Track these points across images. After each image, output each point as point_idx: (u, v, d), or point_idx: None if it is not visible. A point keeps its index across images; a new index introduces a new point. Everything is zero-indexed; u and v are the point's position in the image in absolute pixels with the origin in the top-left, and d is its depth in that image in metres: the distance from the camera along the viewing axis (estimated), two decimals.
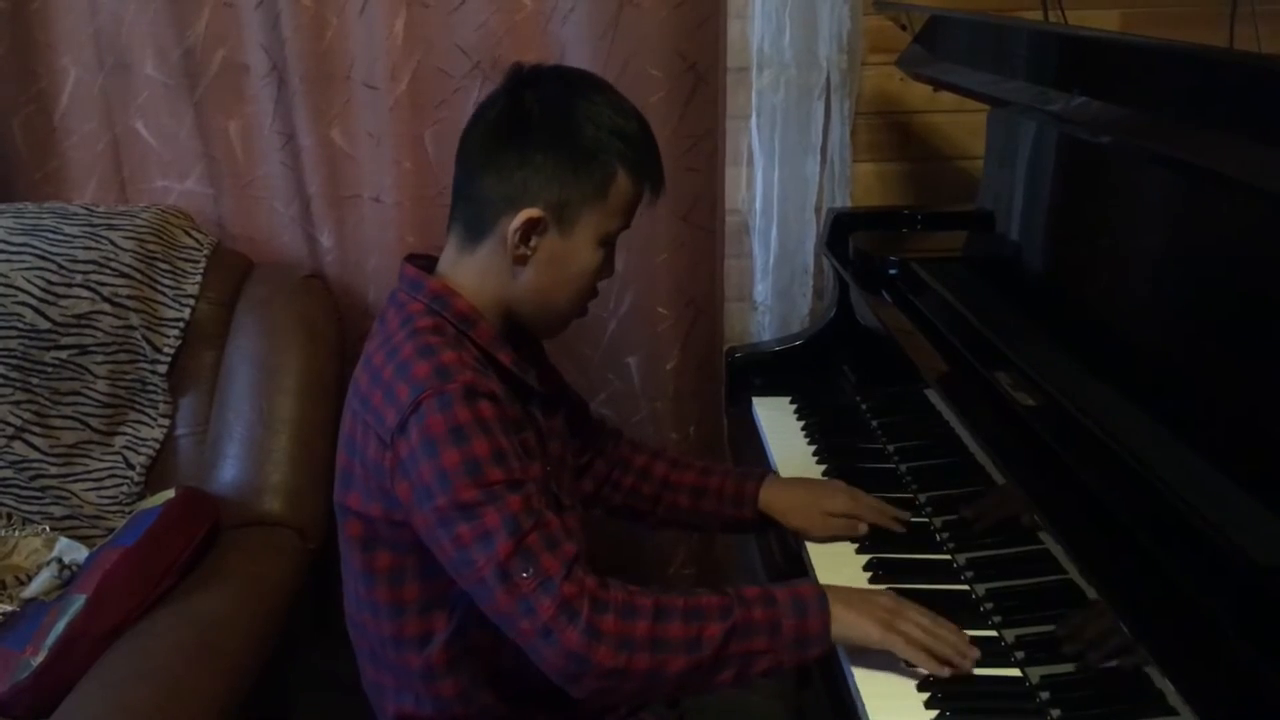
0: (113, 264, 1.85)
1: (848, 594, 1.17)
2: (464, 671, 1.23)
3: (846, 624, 1.13)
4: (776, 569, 1.48)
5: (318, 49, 1.91)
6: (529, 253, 1.20)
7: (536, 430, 1.26)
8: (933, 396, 1.52)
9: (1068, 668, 1.07)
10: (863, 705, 1.08)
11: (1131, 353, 1.25)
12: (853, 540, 1.38)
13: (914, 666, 1.11)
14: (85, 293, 1.83)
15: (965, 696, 1.07)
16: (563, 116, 1.19)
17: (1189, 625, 0.89)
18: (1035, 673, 1.09)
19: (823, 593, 1.15)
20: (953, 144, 2.10)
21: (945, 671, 1.09)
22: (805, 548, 1.39)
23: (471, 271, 1.23)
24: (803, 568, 1.38)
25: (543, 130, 1.19)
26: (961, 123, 2.07)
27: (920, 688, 1.09)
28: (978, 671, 1.10)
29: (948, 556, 1.33)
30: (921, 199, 2.11)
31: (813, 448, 1.64)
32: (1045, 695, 1.06)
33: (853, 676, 1.12)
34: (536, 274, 1.22)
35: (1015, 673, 1.11)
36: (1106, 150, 1.34)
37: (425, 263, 1.28)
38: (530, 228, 1.19)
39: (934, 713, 1.05)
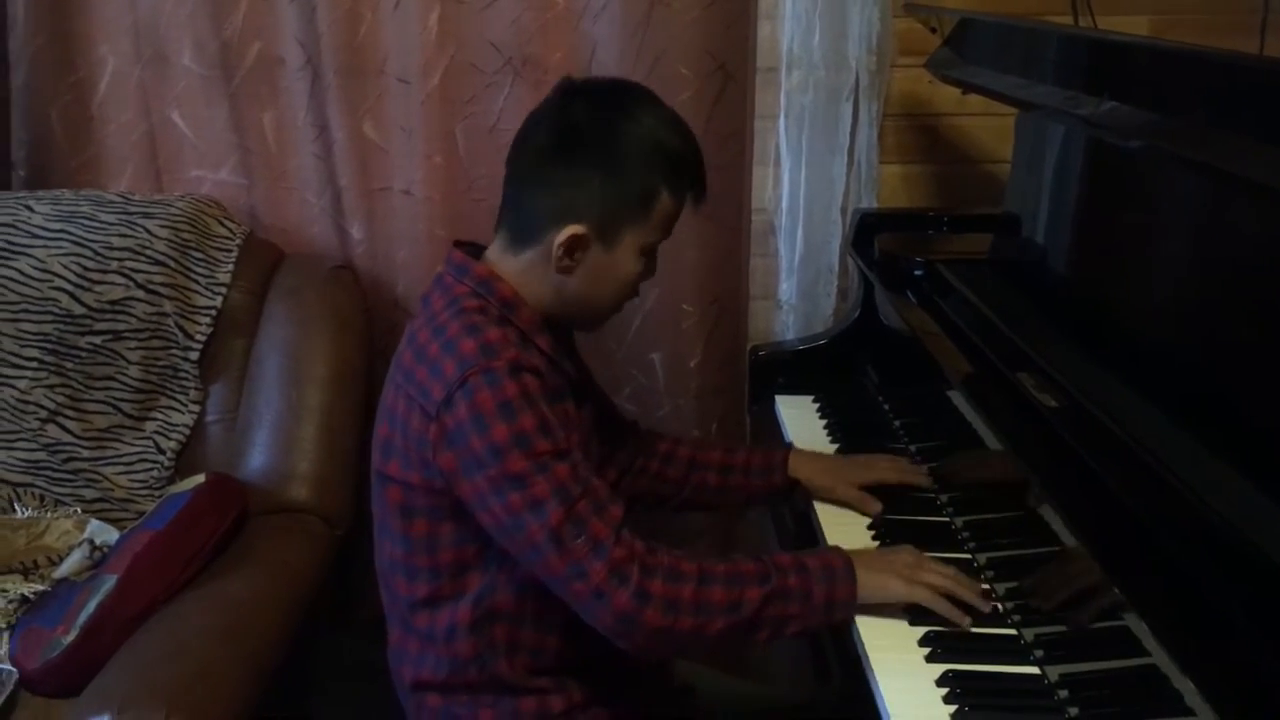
0: (147, 251, 1.88)
1: (870, 557, 1.25)
2: (483, 635, 1.27)
3: (872, 587, 1.20)
4: (788, 535, 1.55)
5: (352, 43, 1.94)
6: (573, 265, 1.25)
7: (575, 403, 1.30)
8: (955, 398, 1.53)
9: (1086, 666, 1.08)
10: (883, 700, 1.09)
11: (1157, 357, 1.25)
12: (874, 538, 1.40)
13: (934, 663, 1.13)
14: (120, 279, 1.86)
15: (984, 693, 1.08)
16: (610, 135, 1.24)
17: (1209, 624, 0.90)
18: (1054, 671, 1.10)
19: (850, 562, 1.22)
20: (979, 147, 2.11)
21: (966, 621, 1.17)
22: (820, 529, 1.42)
23: (515, 271, 1.28)
24: (812, 534, 1.45)
25: (590, 149, 1.24)
26: (989, 126, 2.07)
27: (939, 682, 1.10)
28: (997, 668, 1.12)
29: (968, 555, 1.33)
30: (947, 202, 2.11)
31: (835, 446, 1.65)
32: (1064, 693, 1.07)
33: (874, 672, 1.13)
34: (579, 283, 1.27)
35: (1034, 670, 1.12)
36: (1136, 155, 1.35)
37: (471, 249, 1.32)
38: (574, 244, 1.24)
39: (953, 708, 1.06)
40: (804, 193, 2.00)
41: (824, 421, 1.74)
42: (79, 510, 1.83)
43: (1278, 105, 0.98)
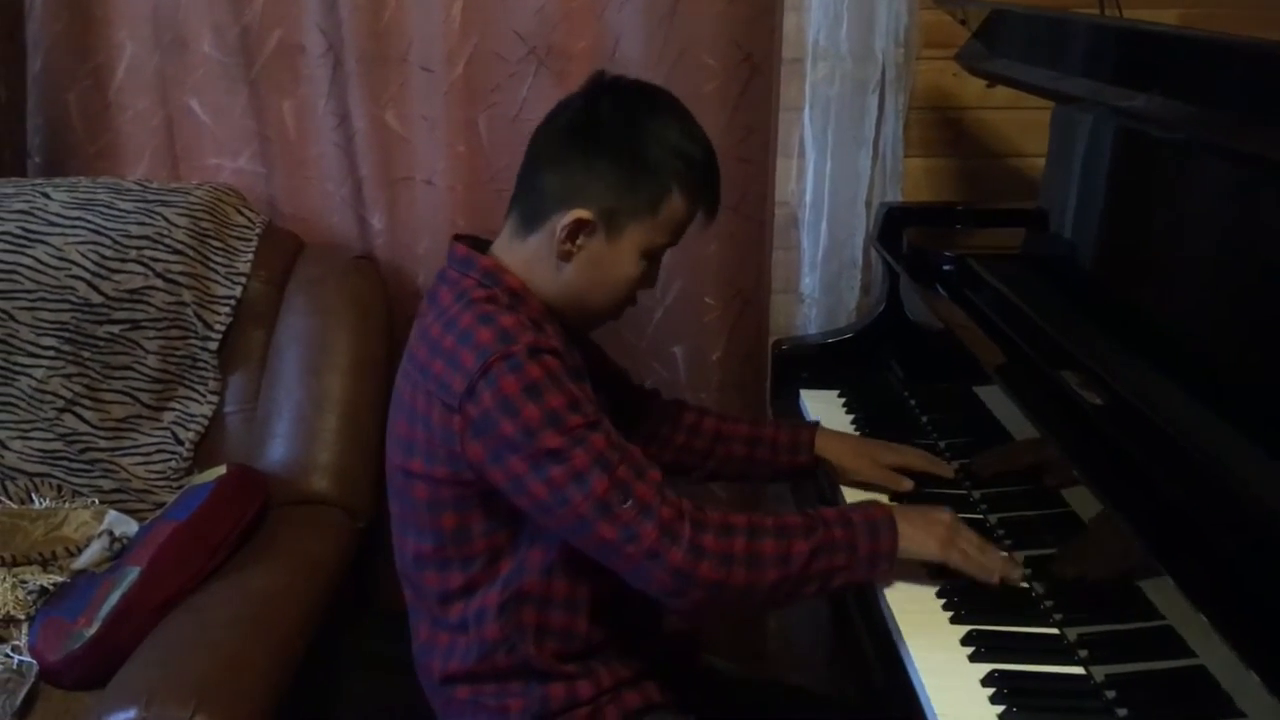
0: (166, 240, 1.86)
1: (912, 514, 1.27)
2: (511, 617, 1.27)
3: (912, 541, 1.23)
4: None
5: (375, 30, 1.92)
6: (573, 250, 1.26)
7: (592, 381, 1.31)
8: (982, 393, 1.52)
9: (1132, 667, 1.07)
10: (928, 698, 1.08)
11: (1200, 351, 1.24)
12: None
13: (978, 662, 1.12)
14: (139, 268, 1.84)
15: (1031, 692, 1.07)
16: (631, 129, 1.25)
17: (1270, 617, 0.89)
18: (1099, 671, 1.09)
19: (890, 515, 1.25)
20: (1004, 141, 2.09)
21: (994, 579, 1.23)
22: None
23: (520, 258, 1.28)
24: None
25: (609, 139, 1.25)
26: (1014, 120, 2.06)
27: (985, 682, 1.08)
28: (1042, 668, 1.11)
29: (1004, 554, 1.32)
30: (971, 195, 2.10)
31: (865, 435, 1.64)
32: (1112, 694, 1.06)
33: (919, 673, 1.11)
34: (577, 272, 1.27)
35: (1079, 670, 1.10)
36: (1176, 148, 1.33)
37: (473, 243, 1.32)
38: (578, 228, 1.24)
39: (1000, 708, 1.05)
40: (828, 186, 1.99)
41: (851, 416, 1.73)
42: (96, 501, 1.82)
43: None
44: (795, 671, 2.11)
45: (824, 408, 1.77)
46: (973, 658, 1.12)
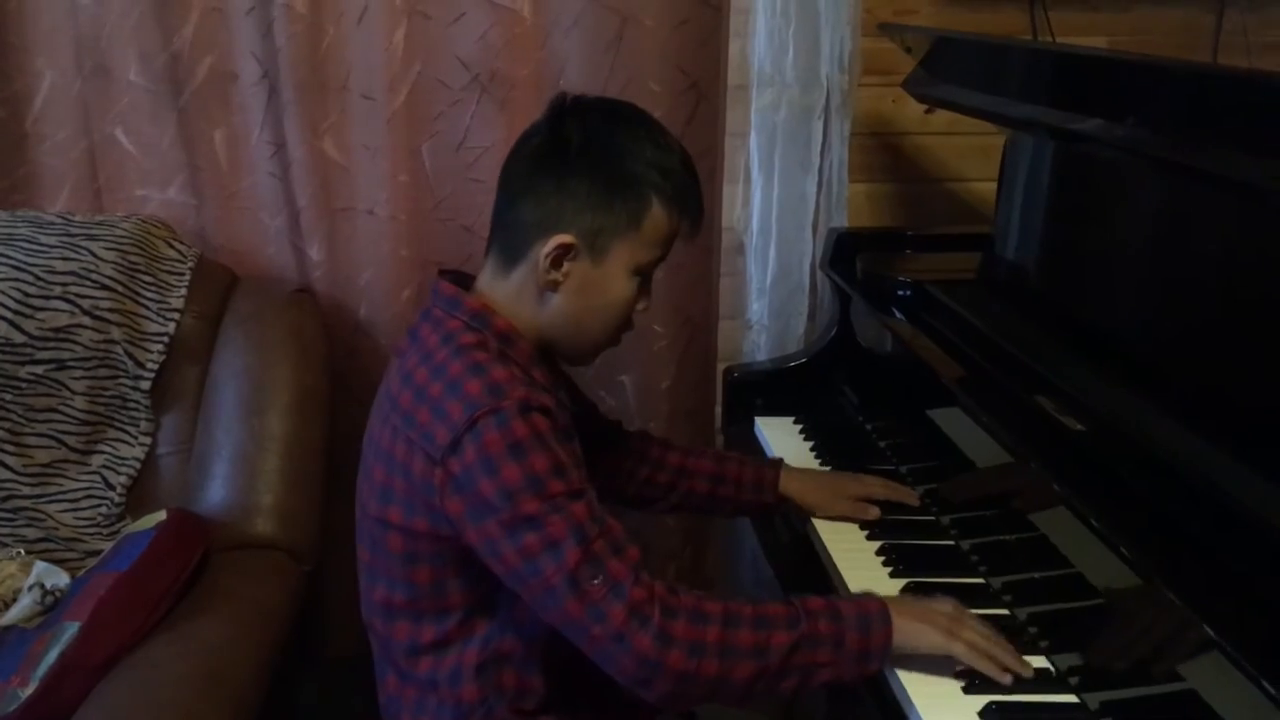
0: (93, 276, 1.78)
1: (908, 605, 1.18)
2: (490, 679, 1.23)
3: (909, 633, 1.14)
4: (781, 552, 1.55)
5: (313, 58, 1.86)
6: (560, 278, 1.21)
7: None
8: (935, 416, 1.52)
9: (1127, 693, 1.06)
10: None
11: (1169, 369, 1.25)
12: (883, 563, 1.38)
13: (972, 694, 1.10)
14: (64, 305, 1.75)
15: None
16: (602, 146, 1.21)
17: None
18: (1094, 699, 1.08)
19: (885, 608, 1.15)
20: (943, 166, 2.11)
21: (1006, 678, 1.11)
22: (822, 544, 1.43)
23: (507, 295, 1.23)
24: (811, 550, 1.45)
25: (581, 158, 1.20)
26: (952, 145, 2.08)
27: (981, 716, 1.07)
28: (1036, 698, 1.09)
29: (982, 580, 1.32)
30: (911, 220, 2.11)
31: (828, 469, 1.63)
32: None
33: (907, 693, 1.10)
34: (567, 300, 1.22)
35: (1072, 698, 1.10)
36: (1126, 167, 1.36)
37: (456, 279, 1.27)
38: (562, 253, 1.20)
39: None
40: (775, 211, 1.98)
41: (810, 443, 1.72)
42: (22, 552, 1.72)
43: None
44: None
45: (782, 435, 1.76)
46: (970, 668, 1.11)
